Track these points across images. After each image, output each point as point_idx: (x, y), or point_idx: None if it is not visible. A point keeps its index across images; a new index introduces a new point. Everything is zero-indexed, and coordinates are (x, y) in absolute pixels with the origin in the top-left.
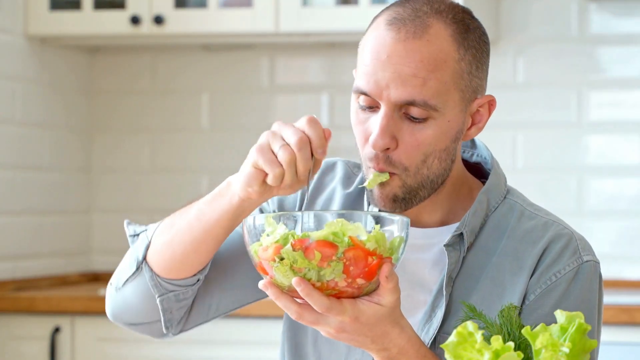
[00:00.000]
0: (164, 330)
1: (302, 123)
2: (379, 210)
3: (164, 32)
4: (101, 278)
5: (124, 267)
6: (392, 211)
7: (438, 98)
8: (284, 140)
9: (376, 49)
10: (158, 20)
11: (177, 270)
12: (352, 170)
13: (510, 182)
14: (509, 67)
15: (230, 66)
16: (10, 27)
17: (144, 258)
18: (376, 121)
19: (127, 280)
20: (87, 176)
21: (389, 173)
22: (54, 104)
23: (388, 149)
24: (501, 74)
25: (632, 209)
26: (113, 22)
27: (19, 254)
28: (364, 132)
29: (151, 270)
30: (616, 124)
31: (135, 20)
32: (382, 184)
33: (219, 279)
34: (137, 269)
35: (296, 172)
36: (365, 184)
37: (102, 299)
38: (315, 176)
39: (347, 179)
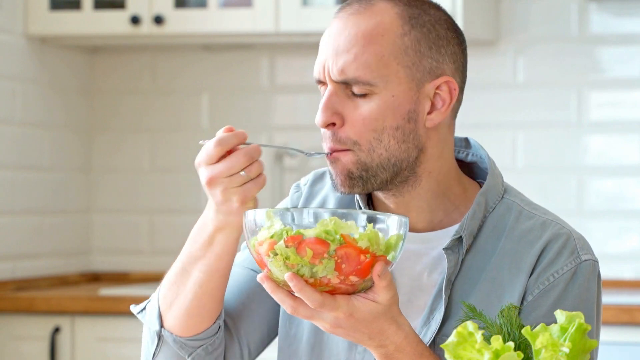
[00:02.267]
0: None
1: (220, 143)
2: (370, 209)
3: (164, 32)
4: (101, 278)
5: (147, 344)
6: (351, 191)
7: (374, 72)
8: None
9: (325, 33)
10: (158, 20)
11: (195, 324)
12: None
13: (511, 182)
14: (509, 67)
15: (230, 66)
16: (10, 27)
17: (161, 326)
18: (321, 101)
19: (154, 354)
20: (87, 176)
21: (341, 150)
22: (54, 104)
23: (334, 124)
24: (501, 74)
25: (632, 209)
26: (113, 22)
27: (19, 254)
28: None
29: (172, 334)
30: (616, 124)
31: (135, 20)
32: (336, 161)
33: (237, 323)
34: (159, 339)
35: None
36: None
37: (102, 299)
38: (306, 186)
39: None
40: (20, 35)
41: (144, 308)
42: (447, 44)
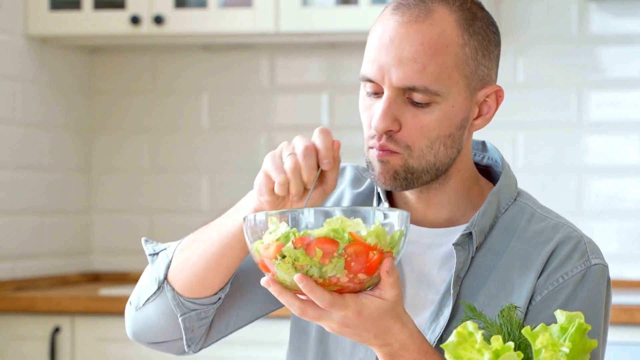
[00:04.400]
0: (185, 349)
1: (314, 134)
2: (379, 203)
3: (164, 32)
4: (101, 278)
5: (144, 286)
6: (393, 189)
7: (439, 83)
8: (293, 150)
9: (380, 34)
10: (158, 20)
11: (200, 288)
12: (362, 173)
13: None
14: (509, 67)
15: (230, 66)
16: (10, 27)
17: (165, 277)
18: (379, 105)
19: (147, 299)
20: (87, 176)
21: (390, 151)
22: (54, 104)
23: (391, 131)
24: (501, 74)
25: (632, 209)
26: (113, 22)
27: (19, 254)
28: (369, 116)
29: (173, 289)
30: (616, 124)
31: (135, 20)
32: (382, 161)
33: (236, 296)
34: (159, 288)
35: (302, 181)
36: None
37: (102, 299)
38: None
39: (357, 182)
40: (20, 35)
41: (157, 253)
42: (494, 48)
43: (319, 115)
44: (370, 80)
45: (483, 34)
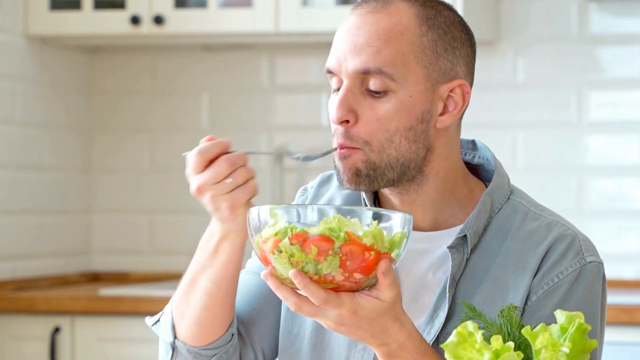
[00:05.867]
0: None
1: (221, 166)
2: (376, 206)
3: (164, 32)
4: (101, 278)
5: (162, 356)
6: (357, 188)
7: (394, 68)
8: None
9: (340, 29)
10: (158, 20)
11: (208, 334)
12: None
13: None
14: (509, 67)
15: (230, 66)
16: (10, 27)
17: (175, 338)
18: (337, 96)
19: None
20: (87, 176)
21: (350, 148)
22: (54, 104)
23: (348, 122)
24: (501, 74)
25: (632, 208)
26: (113, 22)
27: (19, 254)
28: (331, 111)
29: (185, 344)
30: (616, 124)
31: (135, 20)
32: (345, 158)
33: (250, 329)
34: (173, 350)
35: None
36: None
37: (102, 299)
38: (312, 189)
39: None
40: (20, 35)
41: (158, 320)
42: (460, 46)
43: (319, 115)
44: (330, 72)
45: (445, 28)
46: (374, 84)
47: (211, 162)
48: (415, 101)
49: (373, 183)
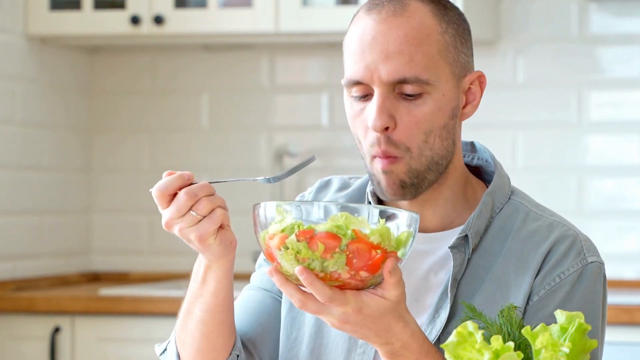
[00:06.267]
0: None
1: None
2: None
3: (164, 32)
4: (101, 278)
5: None
6: (403, 199)
7: (428, 71)
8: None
9: (360, 36)
10: (158, 20)
11: (212, 357)
12: (348, 181)
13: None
14: (509, 67)
15: (230, 66)
16: (10, 27)
17: None
18: (372, 104)
19: None
20: (87, 176)
21: (393, 157)
22: (54, 104)
23: (387, 128)
24: (501, 74)
25: (632, 209)
26: (113, 22)
27: (19, 254)
28: (362, 122)
29: None
30: (616, 124)
31: (135, 20)
32: (387, 172)
33: (258, 346)
34: None
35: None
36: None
37: (102, 299)
38: (310, 194)
39: (345, 188)
40: (20, 35)
41: (166, 349)
42: (468, 36)
43: (319, 115)
44: (358, 83)
45: (457, 22)
46: (409, 89)
47: (174, 196)
48: (447, 99)
49: (418, 190)
